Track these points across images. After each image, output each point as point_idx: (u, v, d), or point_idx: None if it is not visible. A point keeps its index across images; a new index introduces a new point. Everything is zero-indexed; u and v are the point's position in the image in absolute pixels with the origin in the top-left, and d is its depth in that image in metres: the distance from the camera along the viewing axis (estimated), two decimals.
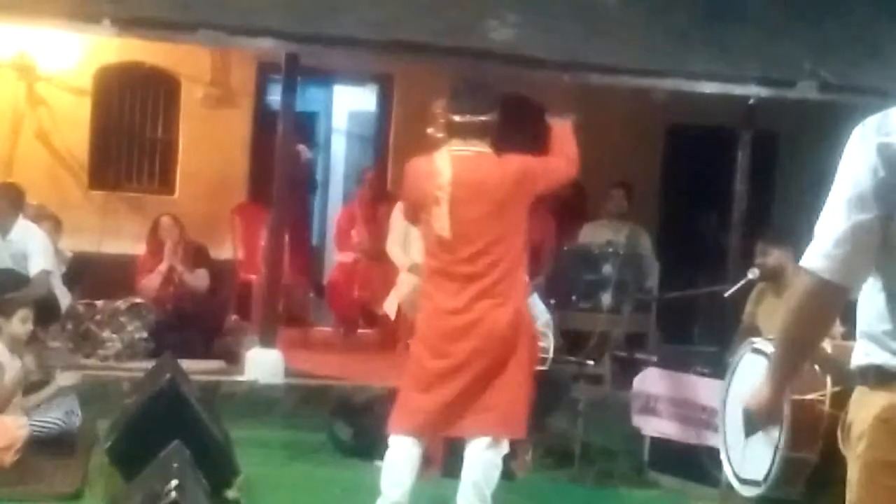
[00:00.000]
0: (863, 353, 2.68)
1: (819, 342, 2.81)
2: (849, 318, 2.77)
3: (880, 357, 2.63)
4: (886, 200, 2.57)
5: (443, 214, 4.82)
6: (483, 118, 4.92)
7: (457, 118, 4.90)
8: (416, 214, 5.08)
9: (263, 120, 10.13)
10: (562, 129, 5.15)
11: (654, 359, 7.44)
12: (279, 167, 8.32)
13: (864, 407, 2.66)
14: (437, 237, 4.87)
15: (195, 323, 8.44)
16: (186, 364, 6.72)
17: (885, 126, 2.61)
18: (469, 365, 4.93)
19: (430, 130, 5.04)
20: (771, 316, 6.38)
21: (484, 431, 4.91)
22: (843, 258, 2.60)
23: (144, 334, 8.24)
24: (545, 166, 5.06)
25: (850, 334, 2.80)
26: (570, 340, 7.82)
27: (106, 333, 8.20)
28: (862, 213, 2.58)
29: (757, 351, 3.87)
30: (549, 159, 5.08)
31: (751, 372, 3.87)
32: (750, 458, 3.67)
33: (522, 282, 5.02)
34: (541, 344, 6.80)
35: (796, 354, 2.81)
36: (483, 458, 4.92)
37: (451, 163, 4.85)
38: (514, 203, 4.90)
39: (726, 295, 6.87)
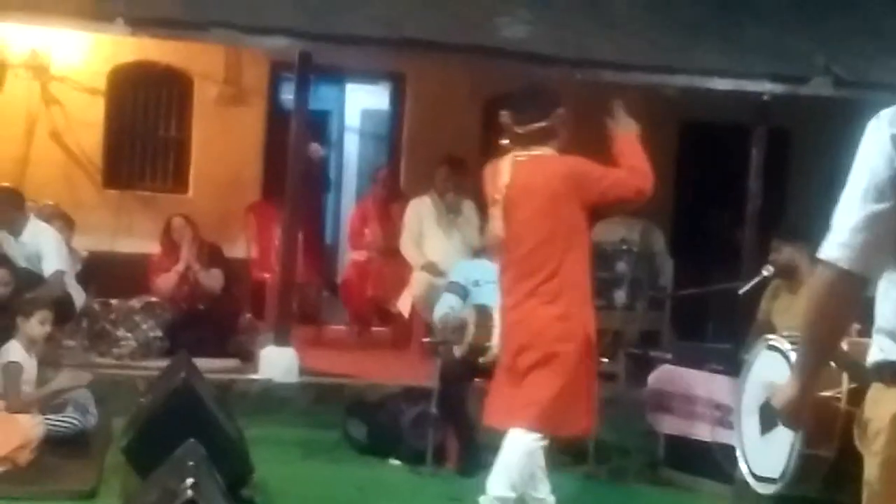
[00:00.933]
0: (879, 350, 2.68)
1: (842, 335, 2.81)
2: (864, 315, 2.76)
3: None
4: None
5: (498, 215, 5.00)
6: (539, 125, 5.01)
7: (516, 128, 5.02)
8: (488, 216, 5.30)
9: (276, 118, 10.14)
10: (626, 142, 5.11)
11: (669, 356, 7.43)
12: (292, 166, 8.32)
13: (881, 404, 2.66)
14: (497, 237, 5.08)
15: (209, 322, 8.46)
16: (201, 363, 6.73)
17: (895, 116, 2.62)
18: (515, 360, 5.06)
19: (502, 141, 5.16)
20: (786, 312, 6.37)
21: (515, 423, 5.00)
22: (860, 247, 2.60)
23: (159, 333, 8.26)
24: (603, 174, 5.02)
25: (865, 331, 2.79)
26: None
27: (121, 332, 8.22)
28: (878, 203, 2.59)
29: (772, 348, 3.86)
30: (612, 169, 5.06)
31: (766, 369, 3.87)
32: (766, 456, 3.67)
33: (577, 283, 5.03)
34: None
35: (821, 349, 2.79)
36: (513, 447, 5.02)
37: (511, 167, 5.00)
38: (563, 204, 4.92)
39: (740, 292, 6.85)
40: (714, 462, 6.12)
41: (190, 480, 3.93)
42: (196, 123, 10.29)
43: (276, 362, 8.04)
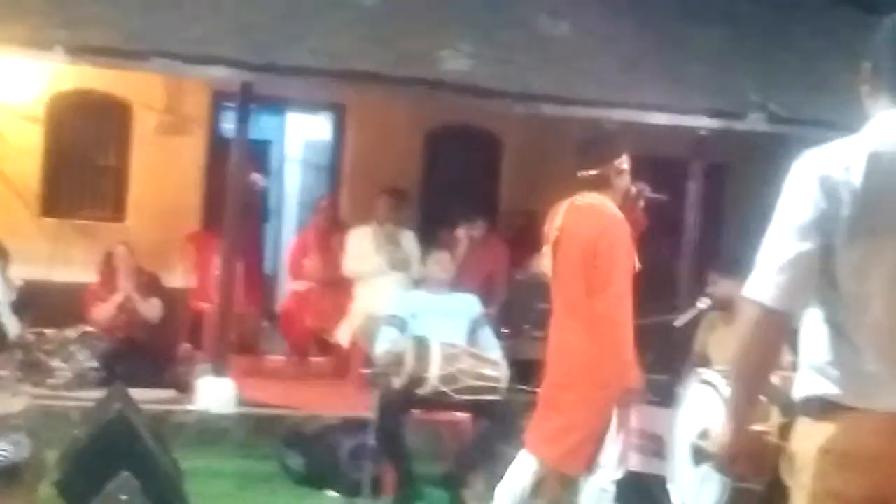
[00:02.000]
0: (805, 385, 2.73)
1: (769, 371, 2.85)
2: (797, 348, 2.81)
3: (822, 387, 2.67)
4: (826, 231, 2.63)
5: (547, 255, 5.18)
6: (594, 172, 5.13)
7: (577, 172, 5.19)
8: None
9: (217, 148, 10.10)
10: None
11: None
12: (232, 195, 8.31)
13: (807, 438, 2.70)
14: (545, 275, 5.28)
15: (146, 352, 8.39)
16: (137, 393, 6.67)
17: (825, 159, 2.67)
18: (545, 391, 5.21)
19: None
20: (721, 345, 6.44)
21: (540, 455, 5.12)
22: (785, 286, 2.65)
23: (95, 363, 8.18)
24: (608, 276, 5.09)
25: (797, 365, 2.84)
26: (523, 369, 7.84)
27: (55, 362, 8.12)
28: (803, 243, 2.64)
29: (704, 382, 3.90)
30: (617, 284, 5.12)
31: (699, 403, 3.91)
32: (698, 488, 3.70)
33: (610, 328, 5.03)
34: (494, 373, 6.85)
35: (749, 387, 2.83)
36: (521, 464, 5.17)
37: (566, 210, 5.16)
38: (604, 256, 4.98)
39: (677, 324, 6.92)
40: (650, 494, 6.15)
41: None
42: (135, 152, 10.23)
43: (214, 393, 7.99)
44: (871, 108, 2.79)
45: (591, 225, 5.04)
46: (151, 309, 8.56)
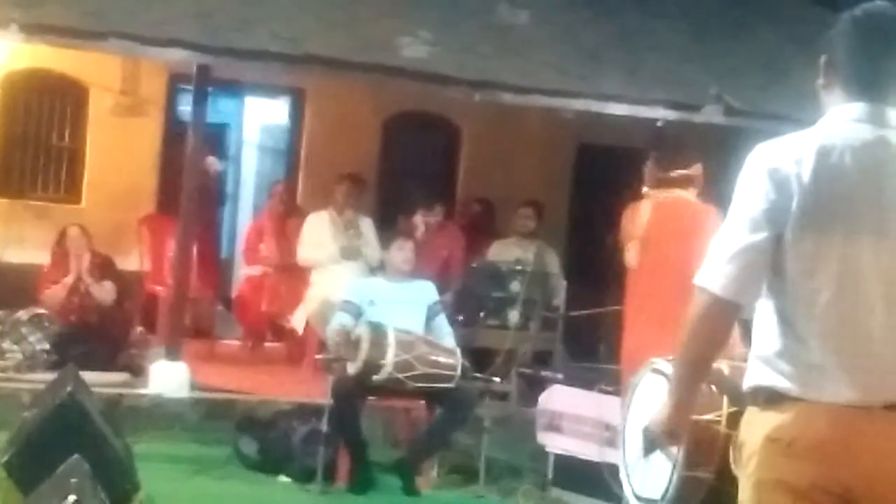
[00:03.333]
0: (754, 375, 2.76)
1: (714, 358, 2.88)
2: (750, 339, 2.84)
3: (770, 378, 2.71)
4: (776, 222, 2.66)
5: (635, 249, 5.51)
6: (685, 171, 5.46)
7: (662, 173, 5.50)
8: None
9: (173, 130, 10.05)
10: None
11: (560, 376, 7.52)
12: (188, 179, 8.26)
13: (755, 427, 2.73)
14: (630, 267, 5.60)
15: (99, 335, 8.32)
16: (89, 377, 6.63)
17: (776, 152, 2.71)
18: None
19: (644, 189, 5.61)
20: None
21: None
22: (734, 276, 2.68)
23: (46, 346, 8.10)
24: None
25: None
26: (477, 357, 7.87)
27: (6, 344, 8.03)
28: (754, 234, 2.67)
29: (657, 371, 3.94)
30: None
31: (651, 392, 3.94)
32: (648, 477, 3.73)
33: None
34: (448, 361, 6.87)
35: (694, 372, 2.86)
36: None
37: (651, 206, 5.47)
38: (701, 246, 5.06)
39: None
40: (603, 482, 6.19)
41: (72, 498, 3.88)
42: (91, 133, 10.15)
43: (167, 377, 7.95)
44: (825, 102, 2.82)
45: (699, 219, 5.19)
46: (105, 292, 8.49)
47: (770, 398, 2.70)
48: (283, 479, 6.89)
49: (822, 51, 2.83)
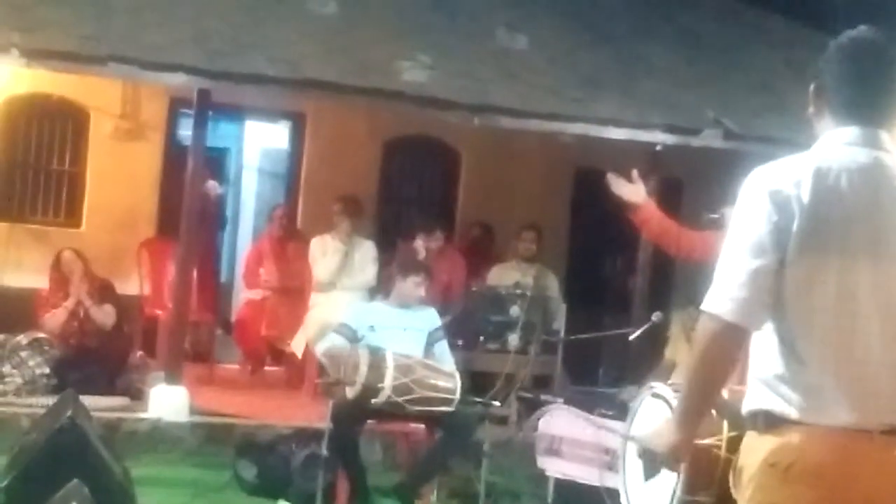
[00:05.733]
0: (753, 398, 2.76)
1: (723, 384, 2.88)
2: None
3: (769, 401, 2.71)
4: (780, 244, 2.66)
5: None
6: None
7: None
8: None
9: (174, 154, 10.06)
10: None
11: (560, 400, 7.50)
12: (188, 203, 8.27)
13: (754, 451, 2.74)
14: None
15: (99, 359, 8.32)
16: (89, 401, 6.61)
17: (776, 174, 2.72)
18: None
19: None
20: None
21: None
22: (744, 301, 2.67)
23: (46, 370, 8.10)
24: None
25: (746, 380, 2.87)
26: (477, 381, 7.86)
27: (6, 368, 8.04)
28: (761, 258, 2.67)
29: (656, 395, 3.94)
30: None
31: (650, 416, 3.94)
32: (649, 501, 3.73)
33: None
34: (448, 385, 6.86)
35: (702, 398, 2.84)
36: None
37: None
38: None
39: (631, 338, 6.96)
40: None
41: None
42: (91, 157, 10.17)
43: (167, 401, 7.94)
44: (818, 128, 2.84)
45: None
46: (104, 315, 8.50)
47: (769, 422, 2.70)
48: (283, 503, 6.87)
49: (811, 78, 2.85)
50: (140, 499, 5.82)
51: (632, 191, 5.06)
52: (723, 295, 2.69)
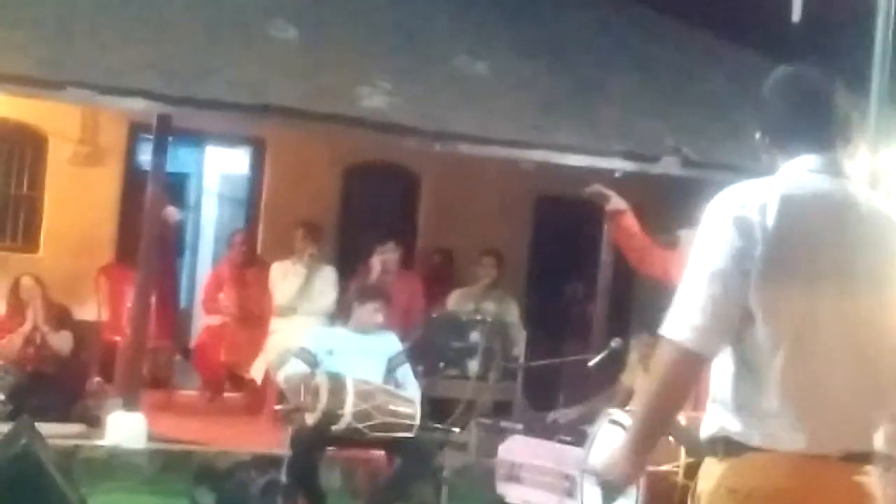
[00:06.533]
0: (712, 423, 2.76)
1: (678, 411, 2.87)
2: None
3: (729, 427, 2.71)
4: (743, 271, 2.66)
5: None
6: None
7: None
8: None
9: (133, 180, 10.00)
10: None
11: (520, 426, 7.50)
12: (147, 228, 8.23)
13: (713, 477, 2.73)
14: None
15: (56, 385, 8.25)
16: (45, 428, 6.54)
17: (740, 199, 2.72)
18: None
19: None
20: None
21: None
22: (704, 329, 2.66)
23: (1, 396, 8.01)
24: None
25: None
26: (437, 407, 7.85)
27: None
28: (722, 285, 2.66)
29: (614, 422, 3.95)
30: None
31: (608, 442, 3.95)
32: None
33: None
34: (408, 411, 6.86)
35: (658, 424, 2.83)
36: None
37: None
38: None
39: (591, 364, 6.98)
40: None
41: None
42: (49, 182, 10.09)
43: (124, 428, 7.88)
44: (775, 158, 2.88)
45: None
46: (61, 341, 8.43)
47: (728, 447, 2.70)
48: None
49: (759, 115, 2.90)
50: None
51: (616, 199, 5.25)
52: (682, 321, 2.68)
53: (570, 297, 10.82)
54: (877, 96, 5.36)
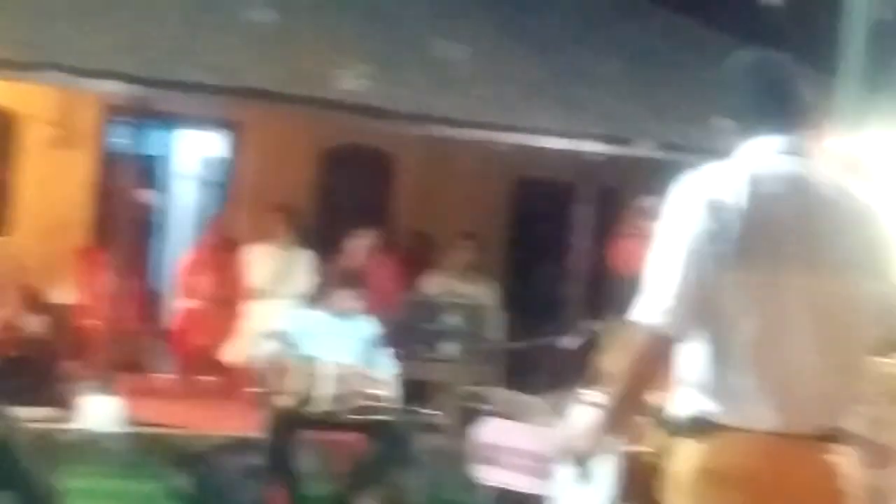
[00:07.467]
0: (685, 404, 2.78)
1: (648, 391, 2.89)
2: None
3: (700, 407, 2.73)
4: (713, 253, 2.67)
5: None
6: None
7: None
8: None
9: (108, 163, 9.95)
10: None
11: (497, 409, 7.51)
12: (122, 211, 8.21)
13: (685, 457, 2.75)
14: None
15: (30, 369, 8.20)
16: (19, 411, 6.51)
17: (709, 182, 2.74)
18: None
19: None
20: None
21: None
22: (674, 311, 2.68)
23: None
24: None
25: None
26: (414, 390, 7.86)
27: None
28: (692, 267, 2.68)
29: (587, 403, 3.95)
30: None
31: (581, 422, 3.95)
32: None
33: None
34: (384, 394, 6.86)
35: (628, 403, 2.87)
36: None
37: None
38: None
39: (569, 347, 7.00)
40: None
41: None
42: (23, 165, 10.02)
43: (99, 411, 7.85)
44: (739, 138, 2.88)
45: None
46: (35, 325, 8.39)
47: (700, 428, 2.72)
48: None
49: (720, 106, 2.94)
50: None
51: None
52: (652, 304, 2.70)
53: (548, 279, 10.82)
54: (850, 80, 5.38)
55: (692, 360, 2.77)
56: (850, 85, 5.35)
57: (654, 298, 2.70)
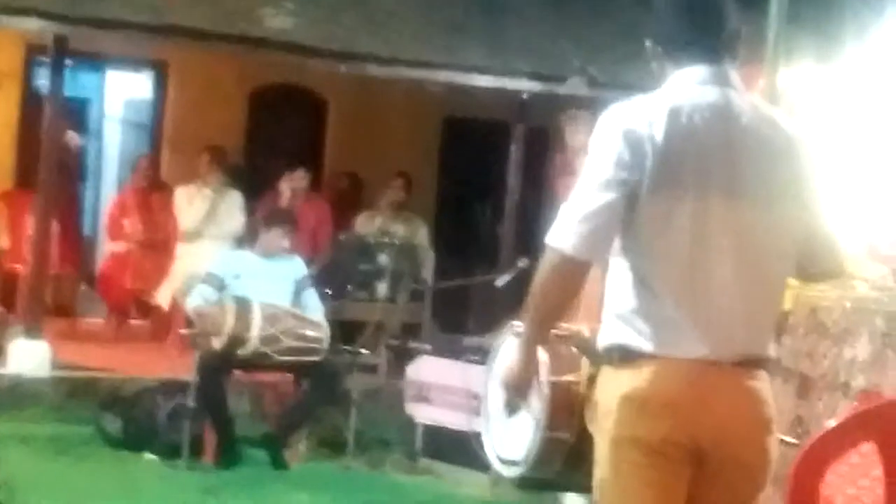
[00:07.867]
0: (609, 333, 2.81)
1: (563, 313, 2.93)
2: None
3: (625, 336, 2.76)
4: (629, 182, 2.70)
5: None
6: None
7: None
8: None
9: (32, 104, 9.75)
10: None
11: (428, 347, 7.55)
12: (47, 153, 8.06)
13: (610, 386, 2.79)
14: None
15: None
16: None
17: (629, 113, 2.77)
18: None
19: None
20: None
21: None
22: (586, 235, 2.70)
23: None
24: None
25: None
26: (345, 330, 7.87)
27: None
28: (606, 194, 2.70)
29: (517, 335, 3.97)
30: None
31: (510, 354, 3.98)
32: (511, 440, 3.77)
33: None
34: (315, 334, 6.85)
35: (541, 328, 2.91)
36: None
37: None
38: None
39: (498, 284, 7.03)
40: (471, 451, 6.23)
41: None
42: None
43: (27, 356, 7.77)
44: (665, 70, 2.90)
45: None
46: None
47: (624, 356, 2.75)
48: (149, 456, 6.79)
49: (648, 31, 2.93)
50: (0, 456, 5.70)
51: None
52: (566, 229, 2.72)
53: (478, 218, 10.86)
54: (776, 14, 5.41)
55: (615, 289, 2.79)
56: (775, 18, 5.38)
57: (565, 224, 2.73)
